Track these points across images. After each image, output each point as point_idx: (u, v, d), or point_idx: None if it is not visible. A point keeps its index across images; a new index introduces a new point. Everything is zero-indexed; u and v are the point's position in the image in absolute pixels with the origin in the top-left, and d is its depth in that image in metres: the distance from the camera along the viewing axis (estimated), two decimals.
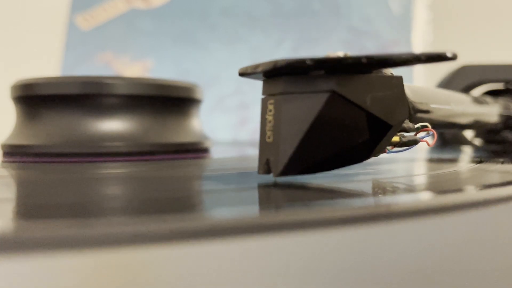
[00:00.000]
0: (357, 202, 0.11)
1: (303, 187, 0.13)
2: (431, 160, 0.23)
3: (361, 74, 0.13)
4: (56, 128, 0.22)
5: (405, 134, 0.15)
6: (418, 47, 0.42)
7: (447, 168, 0.18)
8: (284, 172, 0.13)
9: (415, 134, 0.15)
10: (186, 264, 0.07)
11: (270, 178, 0.14)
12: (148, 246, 0.07)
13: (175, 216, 0.09)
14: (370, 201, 0.12)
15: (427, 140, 0.15)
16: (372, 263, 0.08)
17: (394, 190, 0.13)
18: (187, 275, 0.07)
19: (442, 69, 0.31)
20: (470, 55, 0.35)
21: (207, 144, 0.26)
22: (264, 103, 0.14)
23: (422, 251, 0.09)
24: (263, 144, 0.14)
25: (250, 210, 0.10)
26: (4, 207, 0.11)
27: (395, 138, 0.14)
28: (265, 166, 0.14)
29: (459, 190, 0.13)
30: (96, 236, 0.08)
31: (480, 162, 0.19)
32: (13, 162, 0.21)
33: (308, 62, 0.12)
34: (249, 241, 0.08)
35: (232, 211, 0.10)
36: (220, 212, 0.10)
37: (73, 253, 0.07)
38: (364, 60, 0.12)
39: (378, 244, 0.09)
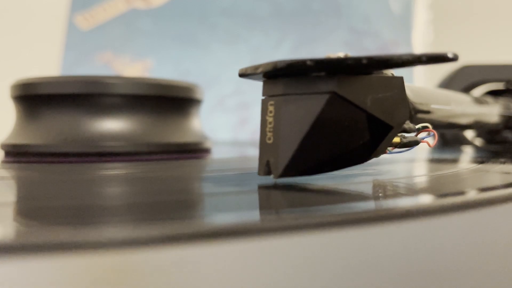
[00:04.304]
0: (358, 204, 0.11)
1: (303, 189, 0.13)
2: (432, 161, 0.23)
3: (361, 75, 0.13)
4: (56, 128, 0.22)
5: (406, 134, 0.15)
6: (418, 47, 0.42)
7: (449, 169, 0.18)
8: (284, 174, 0.13)
9: (416, 135, 0.15)
10: (185, 268, 0.07)
11: (270, 179, 0.14)
12: (147, 249, 0.07)
13: (175, 220, 0.09)
14: (371, 203, 0.12)
15: (428, 141, 0.15)
16: (374, 264, 0.08)
17: (396, 192, 0.13)
18: (186, 279, 0.07)
19: (442, 69, 0.31)
20: (470, 55, 0.35)
21: (207, 144, 0.26)
22: (264, 104, 0.14)
23: (424, 253, 0.09)
24: (263, 145, 0.14)
25: (250, 213, 0.10)
26: (2, 210, 0.11)
27: (396, 139, 0.14)
28: (265, 167, 0.14)
29: (462, 191, 0.13)
30: (95, 240, 0.07)
31: (482, 162, 0.19)
32: (13, 162, 0.21)
33: (308, 63, 0.12)
34: (249, 245, 0.08)
35: (233, 214, 0.10)
36: (221, 216, 0.10)
37: (72, 257, 0.07)
38: (364, 61, 0.12)
39: (380, 246, 0.09)
